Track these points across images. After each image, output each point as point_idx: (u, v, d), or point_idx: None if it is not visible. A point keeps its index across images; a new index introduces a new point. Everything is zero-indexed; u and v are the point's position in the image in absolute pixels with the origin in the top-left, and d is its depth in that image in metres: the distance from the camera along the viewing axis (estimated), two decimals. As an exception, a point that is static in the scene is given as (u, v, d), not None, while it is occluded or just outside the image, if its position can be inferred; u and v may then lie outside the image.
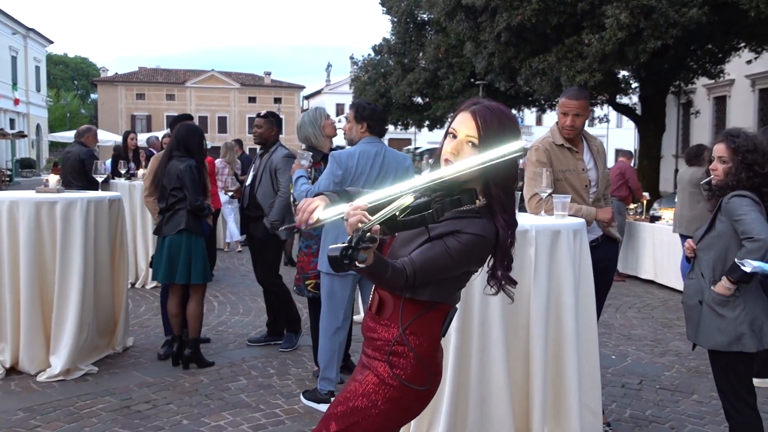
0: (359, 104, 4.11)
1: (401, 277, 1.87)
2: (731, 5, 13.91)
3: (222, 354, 5.25)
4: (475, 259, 1.97)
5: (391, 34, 33.45)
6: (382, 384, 1.99)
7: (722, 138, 3.07)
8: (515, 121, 2.00)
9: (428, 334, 2.01)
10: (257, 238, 5.29)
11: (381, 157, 3.96)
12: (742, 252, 2.85)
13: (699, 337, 3.05)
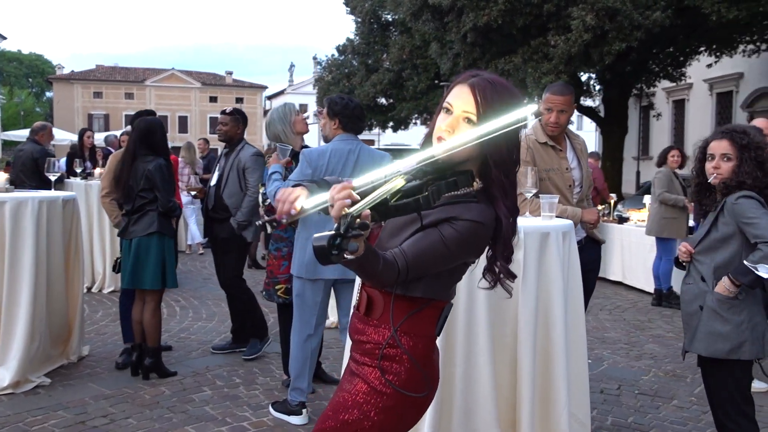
0: (331, 99, 3.89)
1: (393, 271, 1.67)
2: (693, 9, 14.10)
3: (184, 363, 4.98)
4: (473, 249, 1.78)
5: (355, 34, 33.29)
6: (374, 392, 1.79)
7: (724, 135, 2.90)
8: (519, 97, 1.80)
9: (423, 334, 1.82)
10: (222, 240, 5.04)
11: (355, 155, 3.75)
12: (757, 256, 2.72)
13: (696, 344, 2.90)
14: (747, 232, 2.79)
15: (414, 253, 1.69)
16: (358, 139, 3.84)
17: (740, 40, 16.39)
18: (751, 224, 2.76)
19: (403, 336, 1.79)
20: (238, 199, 4.95)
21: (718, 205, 2.90)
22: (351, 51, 33.06)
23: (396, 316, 1.79)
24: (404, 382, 1.78)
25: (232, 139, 5.11)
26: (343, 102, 3.82)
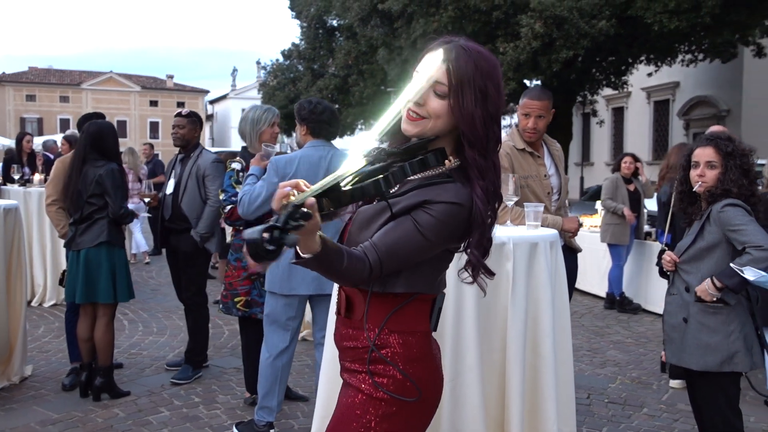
0: (299, 104, 3.71)
1: (362, 267, 1.52)
2: (636, 19, 14.43)
3: (138, 381, 4.69)
4: (453, 234, 1.59)
5: (300, 39, 33.02)
6: (370, 400, 1.63)
7: (709, 142, 2.86)
8: (498, 68, 1.63)
9: (414, 330, 1.64)
10: (183, 253, 4.75)
11: (326, 162, 3.56)
12: (745, 259, 2.68)
13: (686, 358, 2.84)
14: (734, 240, 2.75)
15: (386, 244, 1.54)
16: (331, 145, 3.66)
17: (679, 49, 16.88)
18: (739, 231, 2.71)
19: (392, 335, 1.63)
20: (198, 208, 4.69)
21: (704, 213, 2.84)
22: (296, 56, 32.77)
23: (377, 314, 1.62)
24: (397, 386, 1.61)
25: (188, 143, 4.85)
26: (310, 107, 3.63)
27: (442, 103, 1.58)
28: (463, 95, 1.55)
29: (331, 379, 2.97)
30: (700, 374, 2.84)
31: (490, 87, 1.58)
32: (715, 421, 2.83)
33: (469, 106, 1.56)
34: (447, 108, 1.58)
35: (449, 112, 1.58)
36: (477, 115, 1.56)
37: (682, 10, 13.87)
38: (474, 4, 14.18)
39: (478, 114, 1.56)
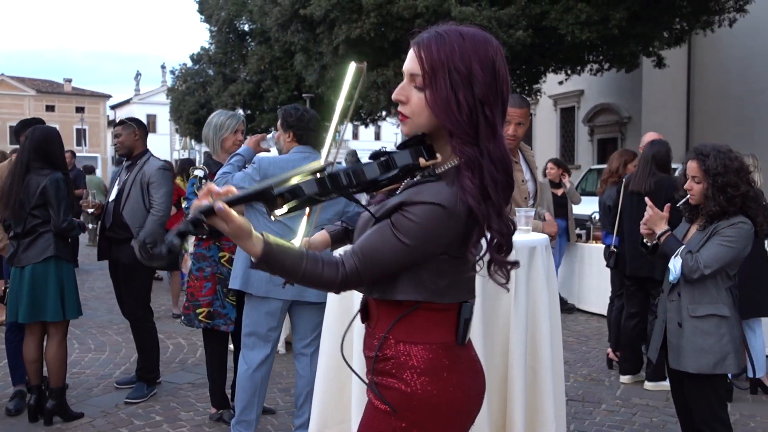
0: (285, 110, 3.63)
1: (332, 273, 1.47)
2: (550, 29, 14.98)
3: (88, 402, 4.43)
4: (438, 237, 1.46)
5: (210, 43, 32.32)
6: (381, 415, 1.55)
7: (693, 156, 2.98)
8: (489, 46, 1.52)
9: (424, 341, 1.53)
10: (125, 265, 4.51)
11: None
12: (687, 254, 2.86)
13: (684, 362, 2.93)
14: (711, 240, 2.88)
15: (365, 250, 1.48)
16: (317, 152, 3.60)
17: (588, 59, 17.66)
18: (715, 244, 2.84)
19: (400, 344, 1.54)
20: (141, 217, 4.48)
21: (710, 228, 2.93)
22: (207, 60, 32.06)
23: (384, 321, 1.56)
24: (405, 398, 1.52)
25: (132, 151, 4.63)
26: (298, 114, 3.56)
27: (420, 96, 1.49)
28: (436, 81, 1.46)
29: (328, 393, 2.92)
30: (691, 376, 2.94)
31: (475, 67, 1.46)
32: (705, 416, 2.95)
33: (443, 91, 1.46)
34: (425, 102, 1.49)
35: (428, 106, 1.49)
36: (452, 99, 1.44)
37: (592, 22, 14.51)
38: (397, 12, 14.30)
39: (456, 98, 1.45)
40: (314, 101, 26.88)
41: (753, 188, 2.94)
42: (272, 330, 3.51)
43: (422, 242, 1.46)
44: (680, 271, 2.91)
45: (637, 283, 5.08)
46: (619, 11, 14.38)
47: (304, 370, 3.58)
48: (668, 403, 4.60)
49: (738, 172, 2.89)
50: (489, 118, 1.48)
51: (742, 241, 2.85)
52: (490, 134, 1.49)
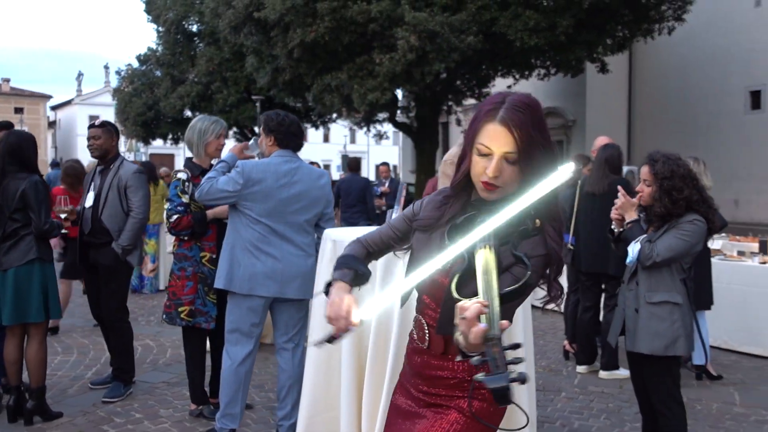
0: (267, 115, 3.77)
1: None
2: (501, 35, 15.43)
3: (65, 402, 4.48)
4: (541, 278, 1.78)
5: (157, 43, 31.85)
6: (468, 423, 1.76)
7: (646, 161, 3.27)
8: (542, 112, 1.73)
9: None
10: (105, 267, 4.58)
11: (293, 173, 3.64)
12: (646, 243, 3.15)
13: (638, 344, 3.21)
14: (669, 233, 3.17)
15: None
16: (298, 157, 3.74)
17: (536, 64, 18.21)
18: (671, 237, 3.13)
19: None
20: (120, 221, 4.56)
21: (667, 225, 3.20)
22: (154, 61, 31.55)
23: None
24: (490, 415, 1.77)
25: (107, 154, 4.69)
26: (278, 118, 3.71)
27: (514, 169, 1.67)
28: (531, 155, 1.65)
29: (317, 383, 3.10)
30: (647, 359, 3.22)
31: (545, 131, 1.69)
32: (662, 396, 3.23)
33: (538, 161, 1.67)
34: (518, 171, 1.68)
35: (520, 173, 1.68)
36: (544, 164, 1.66)
37: (540, 29, 15.02)
38: (351, 16, 14.50)
39: (545, 162, 1.67)
40: (264, 103, 26.87)
41: (701, 193, 3.24)
42: (255, 326, 3.66)
43: (537, 283, 1.74)
44: (637, 255, 3.20)
45: (591, 278, 5.41)
46: (566, 19, 14.92)
47: (286, 364, 3.73)
48: (622, 390, 4.94)
49: (684, 177, 3.18)
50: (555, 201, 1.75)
51: (695, 236, 3.15)
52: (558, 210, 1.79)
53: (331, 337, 1.72)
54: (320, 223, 3.77)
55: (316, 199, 3.69)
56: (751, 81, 21.48)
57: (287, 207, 3.58)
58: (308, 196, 3.66)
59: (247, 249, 3.56)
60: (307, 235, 3.69)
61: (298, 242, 3.63)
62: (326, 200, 3.77)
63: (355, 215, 9.12)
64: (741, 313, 5.94)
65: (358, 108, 15.52)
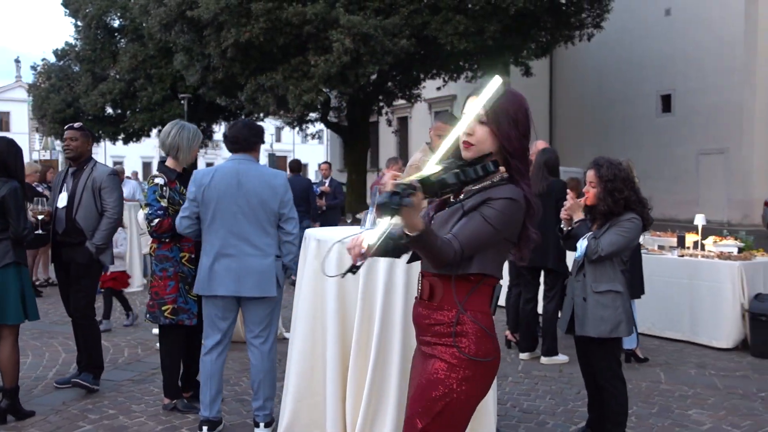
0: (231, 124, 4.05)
1: (450, 249, 1.98)
2: (432, 39, 15.91)
3: (34, 402, 4.53)
4: (512, 223, 2.07)
5: (75, 38, 30.84)
6: (452, 367, 2.06)
7: (592, 165, 3.69)
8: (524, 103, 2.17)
9: (480, 310, 2.10)
10: (79, 265, 4.66)
11: (243, 175, 3.85)
12: (591, 239, 3.57)
13: (586, 328, 3.62)
14: (610, 230, 3.59)
15: (464, 234, 2.01)
16: (251, 159, 3.96)
17: (465, 67, 18.84)
18: (613, 233, 3.56)
19: (469, 312, 2.08)
20: (94, 221, 4.67)
21: (609, 223, 3.62)
22: (74, 56, 30.52)
23: (459, 295, 2.08)
24: (475, 351, 2.07)
25: (81, 156, 4.79)
26: (230, 126, 3.99)
27: (486, 129, 2.12)
28: (500, 120, 2.10)
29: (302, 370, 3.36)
30: (594, 342, 3.63)
31: (521, 115, 2.13)
32: (606, 374, 3.66)
33: (504, 126, 2.11)
34: (489, 132, 2.12)
35: (491, 136, 2.12)
36: (511, 134, 2.10)
37: (469, 33, 15.60)
38: (286, 18, 14.63)
39: (514, 134, 2.11)
40: (191, 102, 26.51)
41: (637, 194, 3.69)
42: (219, 319, 3.90)
43: (503, 226, 2.05)
44: (584, 251, 3.61)
45: (532, 272, 5.85)
46: (494, 24, 15.56)
47: (255, 359, 3.96)
48: (562, 374, 5.39)
49: (624, 180, 3.63)
50: (526, 148, 2.17)
51: (633, 232, 3.60)
52: (526, 159, 2.17)
53: (352, 266, 2.05)
54: (280, 223, 3.96)
55: (266, 200, 3.85)
56: (662, 85, 22.88)
57: (239, 207, 3.80)
58: (258, 196, 3.83)
59: (207, 251, 3.85)
60: (265, 236, 3.86)
61: (255, 242, 3.83)
62: (280, 200, 3.91)
63: (299, 215, 9.30)
64: (662, 302, 6.53)
65: (292, 109, 15.67)
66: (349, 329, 3.21)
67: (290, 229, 3.95)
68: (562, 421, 4.33)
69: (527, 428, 4.21)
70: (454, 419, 2.10)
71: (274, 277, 3.85)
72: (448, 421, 2.09)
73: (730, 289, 6.18)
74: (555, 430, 4.17)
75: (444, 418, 2.07)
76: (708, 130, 21.48)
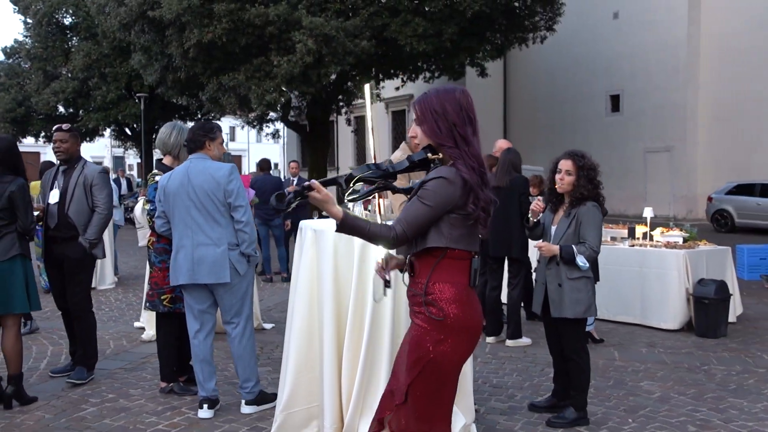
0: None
1: (389, 231, 2.36)
2: (392, 40, 16.31)
3: (34, 389, 4.75)
4: (446, 198, 2.36)
5: (25, 36, 30.26)
6: (425, 332, 2.42)
7: (569, 156, 4.11)
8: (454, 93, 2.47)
9: (450, 280, 2.41)
10: (72, 260, 4.90)
11: (191, 172, 4.17)
12: (581, 249, 3.98)
13: (564, 310, 4.05)
14: (582, 230, 4.04)
15: (406, 215, 2.38)
16: (204, 157, 4.25)
17: (423, 68, 19.30)
18: (588, 228, 4.01)
19: (436, 283, 2.40)
20: (86, 216, 4.91)
21: (574, 210, 4.06)
22: (24, 54, 29.92)
23: (425, 269, 2.45)
24: (444, 316, 2.39)
25: (72, 157, 5.02)
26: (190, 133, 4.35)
27: (419, 127, 2.53)
28: (425, 118, 2.46)
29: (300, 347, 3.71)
30: (567, 321, 4.08)
31: (445, 106, 2.43)
32: (576, 347, 4.12)
33: (427, 125, 2.46)
34: (422, 129, 2.52)
35: (423, 131, 2.52)
36: (432, 129, 2.45)
37: (428, 35, 16.03)
38: (248, 19, 14.81)
39: (435, 127, 2.44)
40: (147, 101, 26.36)
41: (598, 185, 4.15)
42: (194, 307, 4.27)
43: (437, 203, 2.36)
44: (587, 262, 4.01)
45: (497, 262, 6.30)
46: (451, 26, 16.03)
47: (230, 343, 4.36)
48: (526, 354, 5.85)
49: (595, 170, 4.11)
50: (460, 133, 2.45)
51: (600, 219, 4.07)
52: (463, 142, 2.45)
53: (386, 281, 2.52)
54: (231, 213, 4.20)
55: (209, 190, 4.13)
56: (611, 86, 23.77)
57: (190, 201, 4.14)
58: (202, 189, 4.13)
59: (174, 245, 4.24)
60: (217, 226, 4.15)
61: (207, 233, 4.14)
62: (224, 190, 4.15)
63: (270, 212, 9.63)
64: (615, 289, 7.04)
65: (255, 109, 15.87)
66: (344, 308, 3.57)
67: (239, 216, 4.19)
68: (529, 393, 4.77)
69: (498, 400, 4.64)
70: (434, 377, 2.44)
71: (228, 264, 4.14)
72: (429, 379, 2.43)
73: (676, 276, 6.73)
74: (523, 401, 4.60)
75: (425, 376, 2.43)
76: (654, 129, 22.44)
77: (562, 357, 4.23)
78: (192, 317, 4.28)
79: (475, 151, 2.47)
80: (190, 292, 4.24)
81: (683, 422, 4.21)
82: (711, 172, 21.41)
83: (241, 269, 4.19)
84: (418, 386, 2.44)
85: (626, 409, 4.45)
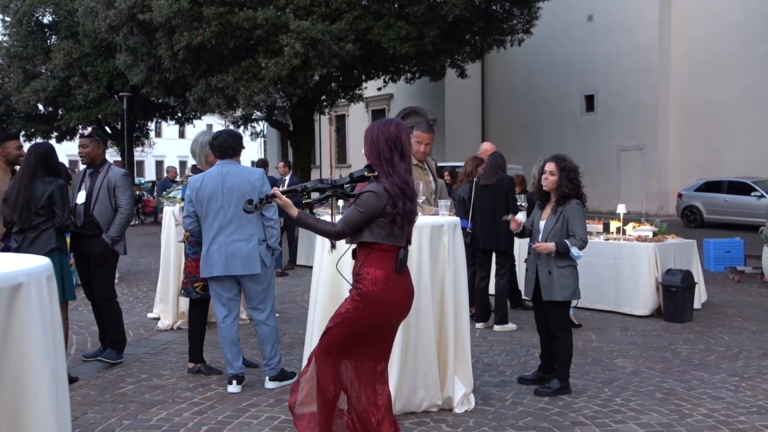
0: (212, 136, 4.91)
1: (330, 228, 3.17)
2: (375, 43, 16.86)
3: (72, 371, 5.23)
4: (373, 207, 3.09)
5: (3, 34, 30.22)
6: (353, 299, 3.18)
7: (553, 159, 4.72)
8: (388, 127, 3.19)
9: (378, 267, 3.13)
10: (96, 255, 5.38)
11: (225, 175, 4.69)
12: (572, 241, 4.60)
13: (554, 294, 4.65)
14: (570, 225, 4.64)
15: (345, 217, 3.15)
16: (234, 162, 4.79)
17: (405, 69, 19.89)
18: (575, 222, 4.61)
19: (366, 267, 3.14)
20: (109, 215, 5.40)
21: (560, 207, 4.67)
22: (3, 53, 29.90)
23: (360, 256, 3.19)
24: (365, 291, 3.13)
25: (95, 161, 5.50)
26: (214, 136, 4.84)
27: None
28: (365, 143, 3.21)
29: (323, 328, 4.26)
30: (556, 304, 4.69)
31: (379, 136, 3.16)
32: (561, 327, 4.74)
33: (366, 147, 3.21)
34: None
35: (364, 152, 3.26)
36: (368, 150, 3.19)
37: (410, 38, 16.61)
38: (237, 22, 15.24)
39: (370, 149, 3.18)
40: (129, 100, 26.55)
41: (579, 184, 4.77)
42: (221, 296, 4.80)
43: (367, 210, 3.10)
44: (580, 252, 4.62)
45: (486, 254, 6.90)
46: (433, 30, 16.62)
47: (256, 326, 4.90)
48: (512, 338, 6.46)
49: (576, 171, 4.72)
50: (386, 157, 3.16)
51: (584, 213, 4.68)
52: (388, 164, 3.17)
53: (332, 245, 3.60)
54: (263, 212, 4.75)
55: (246, 192, 4.65)
56: (586, 86, 24.59)
57: (224, 202, 4.67)
58: (239, 190, 4.67)
59: (205, 241, 4.75)
60: (248, 224, 4.70)
61: (241, 230, 4.69)
62: (258, 192, 4.68)
63: (267, 210, 10.14)
64: (591, 279, 7.67)
65: (243, 110, 16.31)
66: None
67: (270, 215, 4.80)
68: (517, 369, 5.38)
69: (491, 375, 5.25)
70: (345, 329, 3.19)
71: (258, 258, 4.71)
72: (341, 327, 3.20)
73: (646, 266, 7.39)
74: (512, 376, 5.21)
75: (340, 326, 3.21)
76: (627, 128, 23.29)
77: (548, 335, 4.85)
78: (220, 305, 4.79)
79: (399, 171, 3.16)
80: (221, 283, 4.74)
81: (651, 391, 4.84)
82: (681, 169, 22.33)
83: (268, 261, 4.74)
84: (333, 330, 3.22)
85: (603, 381, 5.08)
